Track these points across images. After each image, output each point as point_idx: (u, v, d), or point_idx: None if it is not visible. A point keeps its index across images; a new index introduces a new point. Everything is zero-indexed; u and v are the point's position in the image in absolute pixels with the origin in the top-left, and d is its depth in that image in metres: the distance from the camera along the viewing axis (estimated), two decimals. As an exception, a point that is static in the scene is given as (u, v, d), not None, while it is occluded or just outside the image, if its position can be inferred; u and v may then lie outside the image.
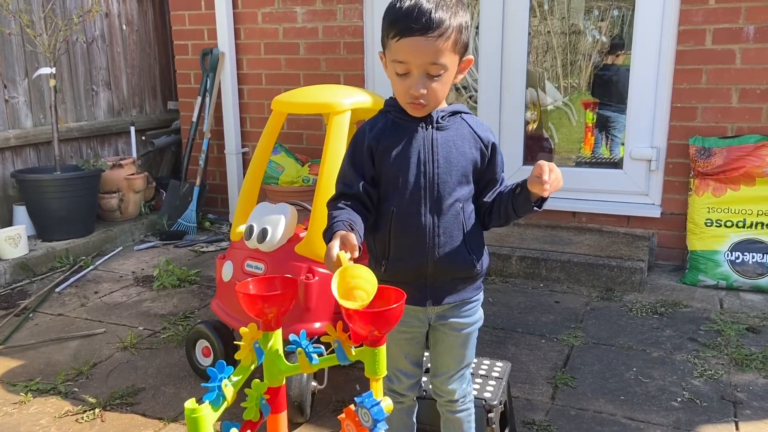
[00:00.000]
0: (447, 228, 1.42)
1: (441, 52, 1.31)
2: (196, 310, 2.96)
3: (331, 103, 2.13)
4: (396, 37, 1.32)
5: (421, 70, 1.33)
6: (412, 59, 1.32)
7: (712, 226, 3.14)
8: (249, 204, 2.27)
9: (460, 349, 1.52)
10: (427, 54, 1.31)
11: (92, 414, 2.10)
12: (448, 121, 1.43)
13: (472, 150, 1.43)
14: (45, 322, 2.86)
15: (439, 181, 1.40)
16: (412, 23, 1.30)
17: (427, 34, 1.29)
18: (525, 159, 3.76)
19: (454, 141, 1.42)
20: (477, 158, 1.43)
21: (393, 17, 1.33)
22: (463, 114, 1.45)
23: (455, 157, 1.41)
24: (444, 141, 1.41)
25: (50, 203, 3.63)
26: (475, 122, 1.46)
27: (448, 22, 1.30)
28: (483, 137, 1.44)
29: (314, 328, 2.01)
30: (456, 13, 1.33)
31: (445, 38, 1.31)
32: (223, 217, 4.45)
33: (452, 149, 1.41)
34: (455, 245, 1.43)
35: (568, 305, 2.94)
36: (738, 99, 3.17)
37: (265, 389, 1.35)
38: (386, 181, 1.41)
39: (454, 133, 1.42)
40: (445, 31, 1.30)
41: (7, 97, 3.77)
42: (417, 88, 1.34)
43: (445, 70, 1.34)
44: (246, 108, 4.30)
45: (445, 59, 1.32)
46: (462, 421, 1.57)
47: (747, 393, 2.17)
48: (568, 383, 2.25)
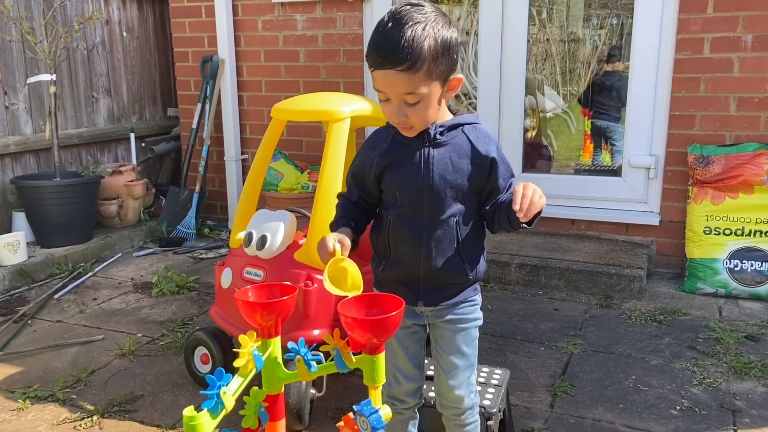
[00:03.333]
0: (440, 241, 1.44)
1: (414, 83, 1.30)
2: (194, 317, 2.96)
3: (330, 111, 2.14)
4: (371, 67, 1.32)
5: (399, 99, 1.33)
6: (387, 90, 1.33)
7: (711, 234, 3.14)
8: (248, 211, 2.27)
9: (461, 344, 1.52)
10: (399, 86, 1.30)
11: (90, 421, 2.09)
12: (446, 137, 1.41)
13: (469, 165, 1.42)
14: (43, 328, 2.86)
15: (434, 198, 1.42)
16: (380, 57, 1.29)
17: (396, 67, 1.28)
18: (524, 166, 3.77)
19: (451, 157, 1.41)
20: (475, 173, 1.42)
21: (368, 47, 1.33)
22: (464, 126, 1.43)
23: (450, 174, 1.41)
24: (440, 158, 1.41)
25: (49, 210, 3.63)
26: (475, 135, 1.43)
27: (418, 53, 1.27)
28: (482, 151, 1.42)
29: (313, 335, 2.01)
30: (430, 37, 1.28)
31: (416, 69, 1.28)
32: (222, 223, 4.45)
33: (448, 166, 1.41)
34: (448, 255, 1.45)
35: (567, 313, 2.94)
36: (736, 107, 3.19)
37: (263, 397, 1.35)
38: (386, 193, 1.47)
39: (451, 148, 1.42)
40: (416, 63, 1.27)
41: (7, 103, 3.78)
42: (396, 116, 1.35)
43: (424, 98, 1.33)
44: (246, 115, 4.31)
45: (420, 89, 1.31)
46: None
47: (746, 401, 2.17)
48: (567, 391, 2.25)
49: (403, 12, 1.30)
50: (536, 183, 3.80)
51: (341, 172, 2.09)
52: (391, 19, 1.30)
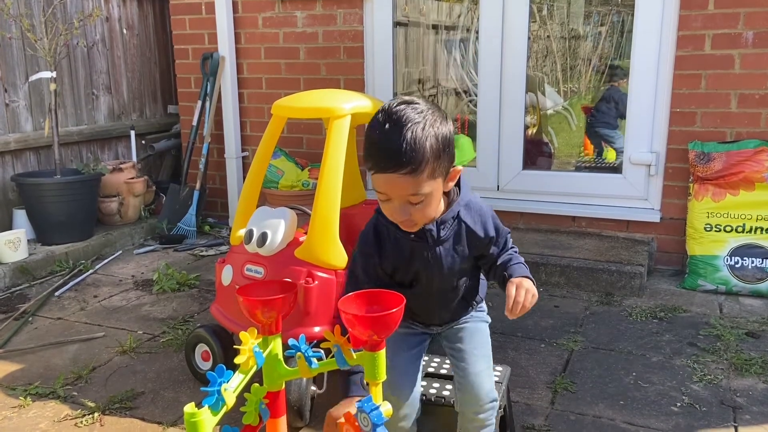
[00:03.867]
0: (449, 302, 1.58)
1: (418, 185, 1.29)
2: (195, 314, 2.96)
3: (331, 108, 2.14)
4: (371, 170, 1.31)
5: (402, 200, 1.32)
6: (389, 192, 1.32)
7: (712, 231, 3.14)
8: (249, 208, 2.27)
9: (474, 336, 1.61)
10: (403, 188, 1.30)
11: (91, 418, 2.10)
12: (447, 230, 1.45)
13: (472, 249, 1.49)
14: (44, 326, 2.86)
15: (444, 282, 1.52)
16: (382, 162, 1.27)
17: (399, 171, 1.26)
18: (525, 163, 3.76)
19: (455, 248, 1.47)
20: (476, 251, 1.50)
21: (366, 149, 1.31)
22: (460, 213, 1.46)
23: (458, 263, 1.49)
24: (446, 253, 1.47)
25: (50, 207, 3.63)
26: (472, 219, 1.47)
27: (420, 156, 1.26)
28: (480, 234, 1.48)
29: (314, 332, 2.01)
30: (431, 137, 1.27)
31: (419, 172, 1.27)
32: (222, 221, 4.46)
33: (455, 258, 1.48)
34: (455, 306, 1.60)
35: (568, 310, 2.94)
36: (737, 104, 3.18)
37: (264, 393, 1.35)
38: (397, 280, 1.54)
39: (454, 240, 1.47)
40: (419, 166, 1.26)
41: (7, 101, 3.78)
42: (400, 215, 1.35)
43: (427, 196, 1.33)
44: (246, 112, 4.31)
45: (423, 189, 1.30)
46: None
47: (746, 398, 2.17)
48: (567, 388, 2.25)
49: (400, 112, 1.27)
50: (537, 180, 3.78)
51: (342, 170, 2.09)
52: (388, 121, 1.27)
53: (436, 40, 5.70)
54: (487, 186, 3.81)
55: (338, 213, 2.08)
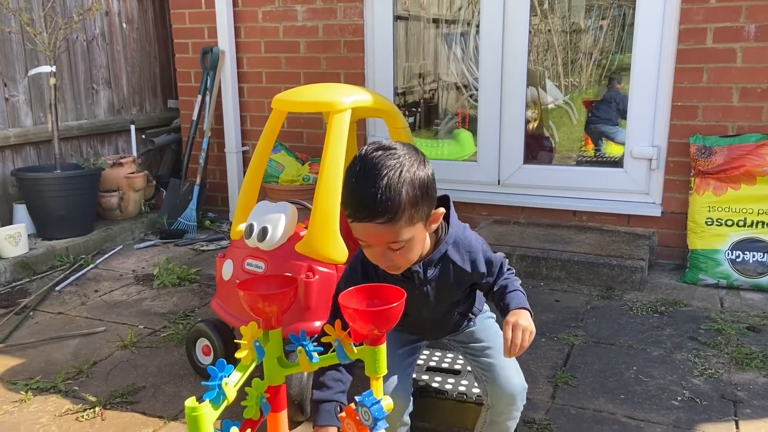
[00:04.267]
0: (444, 324, 1.61)
1: (396, 233, 1.27)
2: (196, 308, 2.96)
3: (331, 102, 2.13)
4: (349, 217, 1.28)
5: (381, 247, 1.31)
6: (368, 240, 1.30)
7: (713, 225, 3.14)
8: (249, 202, 2.27)
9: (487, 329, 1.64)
10: (381, 237, 1.28)
11: (92, 412, 2.10)
12: (435, 270, 1.45)
13: (461, 284, 1.51)
14: (45, 320, 2.86)
15: (434, 314, 1.55)
16: (358, 212, 1.25)
17: (375, 220, 1.24)
18: (526, 158, 3.76)
19: (444, 285, 1.48)
20: (467, 284, 1.53)
21: (344, 196, 1.29)
22: (448, 252, 1.45)
23: (447, 298, 1.51)
24: (434, 291, 1.48)
25: (50, 202, 3.63)
26: (460, 257, 1.46)
27: (396, 205, 1.23)
28: (469, 270, 1.48)
29: (314, 327, 2.01)
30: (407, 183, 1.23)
31: (396, 220, 1.24)
32: (223, 215, 4.45)
33: (443, 295, 1.50)
34: (451, 326, 1.63)
35: (569, 304, 2.94)
36: (739, 98, 3.17)
37: (265, 388, 1.35)
38: None
39: (443, 279, 1.46)
40: (395, 215, 1.23)
41: (7, 95, 3.77)
42: (382, 262, 1.33)
43: (408, 242, 1.30)
44: (246, 106, 4.30)
45: (402, 236, 1.28)
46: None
47: (747, 392, 2.17)
48: (568, 382, 2.25)
49: (375, 159, 1.24)
50: (538, 175, 3.76)
51: (342, 164, 2.08)
52: (364, 168, 1.24)
53: (436, 34, 5.69)
54: (487, 180, 3.81)
55: (339, 208, 2.07)
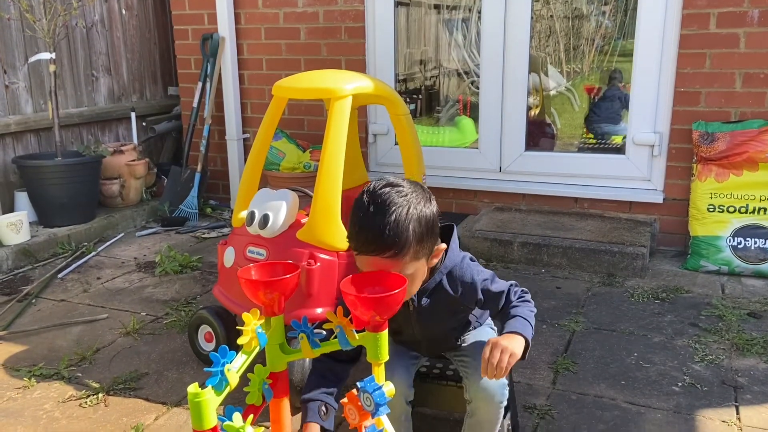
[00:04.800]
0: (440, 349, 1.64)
1: (400, 267, 1.30)
2: (198, 295, 2.97)
3: (332, 89, 2.12)
4: (355, 250, 1.33)
5: None
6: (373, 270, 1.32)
7: (715, 212, 3.13)
8: (250, 190, 2.27)
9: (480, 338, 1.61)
10: (386, 269, 1.30)
11: (96, 399, 2.11)
12: (429, 299, 1.48)
13: (457, 313, 1.54)
14: (48, 307, 2.87)
15: (429, 337, 1.57)
16: (365, 245, 1.30)
17: (382, 255, 1.28)
18: (527, 145, 3.74)
19: (438, 314, 1.50)
20: (464, 310, 1.54)
21: (350, 230, 1.33)
22: (443, 281, 1.47)
23: (441, 325, 1.53)
24: (427, 315, 1.50)
25: (51, 189, 3.62)
26: (454, 287, 1.47)
27: (403, 241, 1.27)
28: (466, 300, 1.49)
29: (316, 313, 2.01)
30: (414, 221, 1.28)
31: (402, 255, 1.29)
32: (224, 203, 4.45)
33: (438, 321, 1.52)
34: (446, 346, 1.64)
35: (570, 291, 2.94)
36: (742, 83, 3.15)
37: (267, 374, 1.36)
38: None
39: (436, 307, 1.49)
40: (401, 250, 1.28)
41: (7, 82, 3.76)
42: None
43: (410, 276, 1.33)
44: (247, 93, 4.29)
45: (406, 271, 1.31)
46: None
47: (748, 378, 2.18)
48: (569, 368, 2.26)
49: (384, 195, 1.29)
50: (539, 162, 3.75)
51: (343, 151, 2.08)
52: (372, 204, 1.29)
53: (437, 20, 5.65)
54: (489, 167, 3.80)
55: (340, 195, 2.07)
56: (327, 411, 1.44)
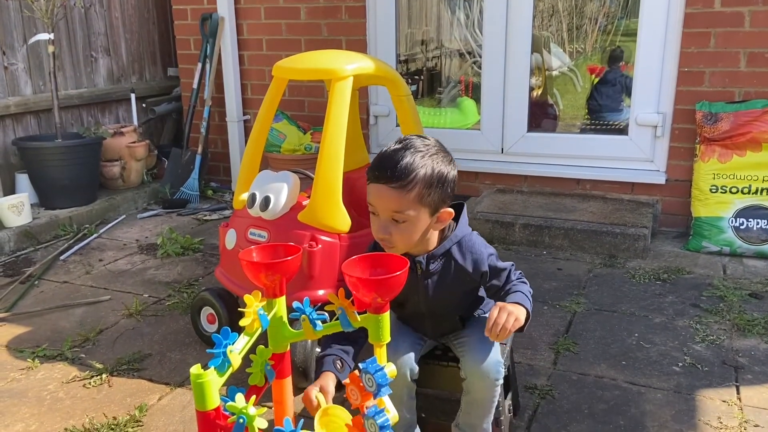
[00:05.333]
0: (445, 329, 1.62)
1: (403, 203, 1.36)
2: (200, 277, 2.98)
3: (332, 69, 2.10)
4: (368, 181, 1.41)
5: (386, 215, 1.39)
6: (377, 204, 1.40)
7: (717, 193, 3.12)
8: (251, 172, 2.26)
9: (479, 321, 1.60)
10: (389, 202, 1.37)
11: (99, 379, 2.13)
12: (437, 264, 1.50)
13: (463, 286, 1.53)
14: (50, 289, 2.88)
15: (432, 313, 1.57)
16: (377, 171, 1.38)
17: (390, 183, 1.36)
18: (529, 126, 3.72)
19: (445, 283, 1.51)
20: (468, 285, 1.54)
21: (373, 161, 1.43)
22: (451, 249, 1.50)
23: (447, 296, 1.53)
24: (434, 285, 1.51)
25: (52, 171, 3.62)
26: (462, 256, 1.50)
27: (413, 175, 1.35)
28: (470, 270, 1.51)
29: (318, 295, 2.02)
30: (428, 167, 1.37)
31: (408, 190, 1.35)
32: (225, 185, 4.45)
33: (444, 291, 1.52)
34: (449, 326, 1.62)
35: (571, 272, 2.94)
36: (746, 63, 3.12)
37: (269, 355, 1.36)
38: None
39: (444, 274, 1.51)
40: (408, 185, 1.35)
41: (6, 63, 3.73)
42: (380, 232, 1.42)
43: (410, 221, 1.39)
44: (247, 74, 4.26)
45: (408, 210, 1.37)
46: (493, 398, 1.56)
47: (749, 358, 2.19)
48: (570, 349, 2.27)
49: (409, 140, 1.41)
50: (541, 143, 3.74)
51: (344, 133, 2.07)
52: (397, 143, 1.41)
53: (439, -1, 5.59)
54: (491, 149, 3.78)
55: (341, 177, 2.07)
56: (342, 365, 1.45)
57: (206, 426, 1.12)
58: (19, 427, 1.89)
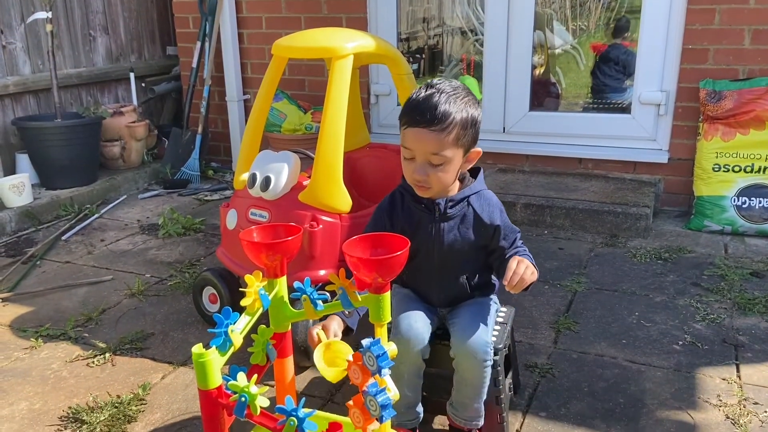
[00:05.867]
0: (451, 292, 1.62)
1: (442, 145, 1.43)
2: (201, 257, 2.99)
3: (332, 47, 2.08)
4: (404, 125, 1.46)
5: (424, 158, 1.45)
6: (415, 147, 1.45)
7: (720, 171, 3.11)
8: (251, 152, 2.25)
9: (476, 304, 1.62)
10: (428, 144, 1.43)
11: (102, 358, 2.14)
12: (455, 210, 1.54)
13: (475, 234, 1.56)
14: (52, 269, 2.89)
15: (444, 265, 1.58)
16: (417, 115, 1.43)
17: (430, 126, 1.42)
18: (531, 104, 3.70)
19: (459, 228, 1.55)
20: (480, 239, 1.57)
21: (406, 107, 1.48)
22: (470, 198, 1.56)
23: (459, 244, 1.55)
24: (449, 230, 1.55)
25: (52, 151, 3.61)
26: (480, 205, 1.56)
27: (451, 118, 1.42)
28: (486, 221, 1.55)
29: (319, 275, 2.02)
30: (463, 110, 1.44)
31: (447, 132, 1.42)
32: (226, 165, 4.43)
33: (457, 237, 1.55)
34: (458, 295, 1.63)
35: (572, 252, 2.94)
36: (751, 40, 3.09)
37: (271, 334, 1.37)
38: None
39: (459, 220, 1.55)
40: (448, 126, 1.42)
41: (4, 43, 3.70)
42: (419, 173, 1.46)
43: (447, 161, 1.45)
44: (246, 53, 4.22)
45: (446, 151, 1.44)
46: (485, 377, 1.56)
47: (749, 336, 2.19)
48: (570, 328, 2.28)
49: (442, 86, 1.47)
50: (544, 122, 3.74)
51: (345, 112, 2.05)
52: (431, 88, 1.46)
53: (441, -25, 5.52)
54: (492, 128, 3.76)
55: (342, 156, 2.06)
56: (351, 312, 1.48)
57: (208, 404, 1.13)
58: (24, 405, 1.91)
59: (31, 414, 1.87)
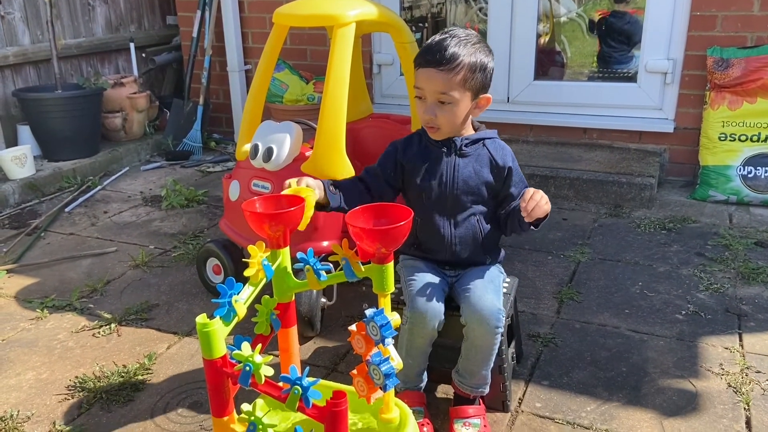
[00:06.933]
0: (464, 236, 1.63)
1: (450, 85, 1.50)
2: (205, 229, 2.99)
3: (334, 15, 2.05)
4: (417, 66, 1.55)
5: (433, 98, 1.53)
6: (425, 86, 1.53)
7: (726, 141, 3.08)
8: (253, 123, 2.23)
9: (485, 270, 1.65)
10: (436, 84, 1.51)
11: (108, 329, 2.16)
12: (470, 148, 1.62)
13: (489, 174, 1.62)
14: (57, 241, 2.90)
15: (457, 201, 1.61)
16: (428, 56, 1.52)
17: (439, 67, 1.50)
18: (536, 74, 3.65)
19: (474, 166, 1.61)
20: (493, 180, 1.62)
21: (420, 50, 1.57)
22: (485, 140, 1.63)
23: (473, 180, 1.61)
24: (464, 166, 1.61)
25: (54, 123, 3.59)
26: (494, 148, 1.64)
27: (459, 60, 1.49)
28: (500, 162, 1.62)
29: (322, 246, 2.02)
30: (472, 55, 1.51)
31: (455, 73, 1.49)
32: (228, 136, 4.41)
33: (471, 174, 1.61)
34: (470, 248, 1.65)
35: (576, 222, 2.94)
36: (760, 6, 3.03)
37: (275, 305, 1.37)
38: (412, 195, 1.66)
39: (474, 159, 1.62)
40: (456, 67, 1.49)
41: (2, 12, 3.65)
42: (427, 113, 1.55)
43: (454, 102, 1.52)
44: (247, 22, 4.16)
45: (453, 92, 1.51)
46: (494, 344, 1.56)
47: (752, 306, 2.20)
48: (573, 298, 2.28)
49: (456, 32, 1.55)
50: (548, 91, 3.70)
51: (347, 81, 2.03)
52: (445, 33, 1.54)
53: (444, -59, 5.41)
54: (496, 98, 3.65)
55: (344, 127, 2.04)
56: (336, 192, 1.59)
57: (213, 374, 1.14)
58: (31, 375, 1.94)
59: (38, 383, 1.89)
